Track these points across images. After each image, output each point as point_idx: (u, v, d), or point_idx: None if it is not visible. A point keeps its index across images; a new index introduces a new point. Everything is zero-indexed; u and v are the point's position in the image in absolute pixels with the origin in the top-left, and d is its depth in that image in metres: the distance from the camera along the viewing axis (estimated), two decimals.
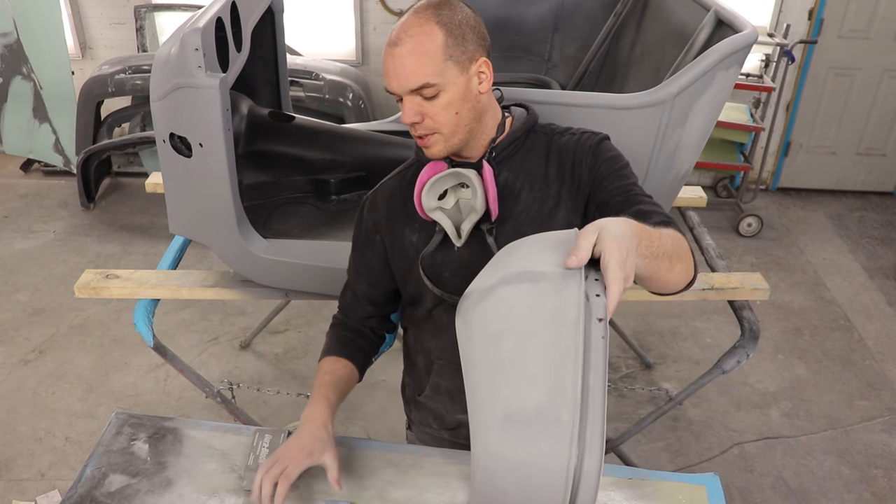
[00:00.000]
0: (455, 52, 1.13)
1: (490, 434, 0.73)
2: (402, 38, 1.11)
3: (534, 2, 2.66)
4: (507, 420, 0.73)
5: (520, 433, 0.72)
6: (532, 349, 0.77)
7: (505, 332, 0.79)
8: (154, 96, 1.61)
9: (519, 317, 0.80)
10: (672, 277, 1.01)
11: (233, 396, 2.37)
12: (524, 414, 0.72)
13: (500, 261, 0.93)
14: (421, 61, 1.11)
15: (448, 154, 1.22)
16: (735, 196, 4.35)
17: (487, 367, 0.78)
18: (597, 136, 1.26)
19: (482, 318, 0.83)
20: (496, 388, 0.76)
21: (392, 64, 1.12)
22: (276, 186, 2.21)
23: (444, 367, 1.40)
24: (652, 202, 1.17)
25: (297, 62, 4.03)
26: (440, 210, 1.23)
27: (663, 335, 3.30)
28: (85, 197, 4.06)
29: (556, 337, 0.77)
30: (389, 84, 1.15)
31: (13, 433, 2.70)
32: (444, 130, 1.17)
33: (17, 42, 3.86)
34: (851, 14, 4.16)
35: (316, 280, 1.88)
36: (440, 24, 1.11)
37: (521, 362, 0.76)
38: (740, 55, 1.67)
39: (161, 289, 1.97)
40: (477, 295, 0.86)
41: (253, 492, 1.15)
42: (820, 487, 2.53)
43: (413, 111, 1.15)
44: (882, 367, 3.11)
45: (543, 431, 0.71)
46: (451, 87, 1.14)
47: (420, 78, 1.11)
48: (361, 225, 1.38)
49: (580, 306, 0.79)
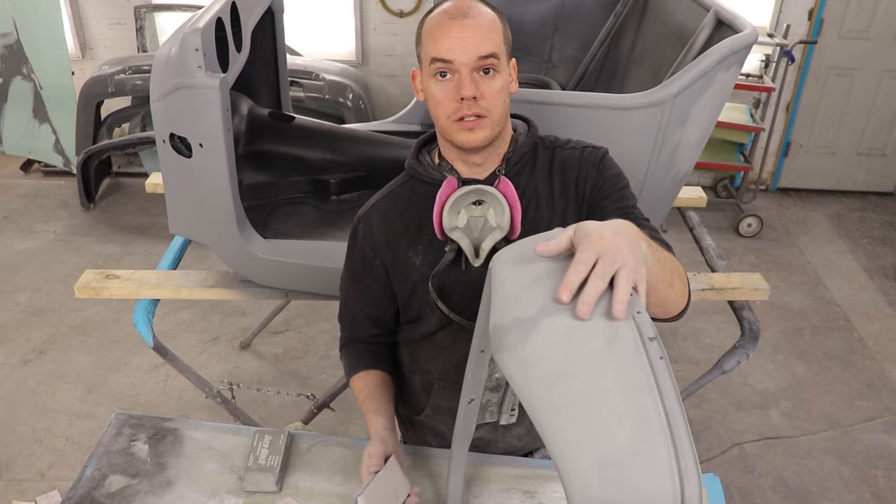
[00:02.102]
0: (507, 38, 1.14)
1: (589, 482, 0.71)
2: (469, 11, 1.10)
3: (534, 2, 2.66)
4: (602, 465, 0.71)
5: (619, 475, 0.71)
6: (605, 384, 0.74)
7: (570, 370, 0.76)
8: (154, 96, 1.61)
9: (578, 351, 0.77)
10: (672, 294, 0.98)
11: (233, 397, 2.37)
12: (619, 455, 0.71)
13: (518, 279, 0.88)
14: (492, 31, 1.11)
15: (487, 143, 1.17)
16: (735, 196, 4.35)
17: (562, 411, 0.75)
18: (599, 152, 1.24)
19: (537, 355, 0.79)
20: (580, 432, 0.73)
21: (461, 33, 1.09)
22: (276, 186, 2.21)
23: (445, 388, 1.36)
24: (650, 226, 1.15)
25: (297, 62, 4.03)
26: (458, 229, 1.18)
27: (663, 335, 3.28)
28: (85, 197, 4.05)
29: (623, 367, 0.75)
30: (452, 53, 1.09)
31: (13, 433, 2.69)
32: (494, 115, 1.14)
33: (17, 42, 3.86)
34: (851, 14, 4.16)
35: (316, 280, 1.88)
36: (494, 10, 1.14)
37: (598, 401, 0.74)
38: (740, 55, 1.67)
39: (161, 289, 1.97)
40: (520, 329, 0.81)
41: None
42: (820, 487, 2.53)
43: (474, 84, 1.11)
44: (882, 367, 3.11)
45: (642, 469, 0.70)
46: (504, 72, 1.13)
47: (492, 46, 1.10)
48: (357, 251, 1.31)
49: (633, 329, 0.78)
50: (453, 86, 1.11)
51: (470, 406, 1.05)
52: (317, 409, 2.35)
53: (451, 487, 1.18)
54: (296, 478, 1.30)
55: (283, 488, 1.28)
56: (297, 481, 1.30)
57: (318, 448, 1.37)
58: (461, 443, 1.11)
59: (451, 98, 1.12)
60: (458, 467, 1.15)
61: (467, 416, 1.07)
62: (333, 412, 2.50)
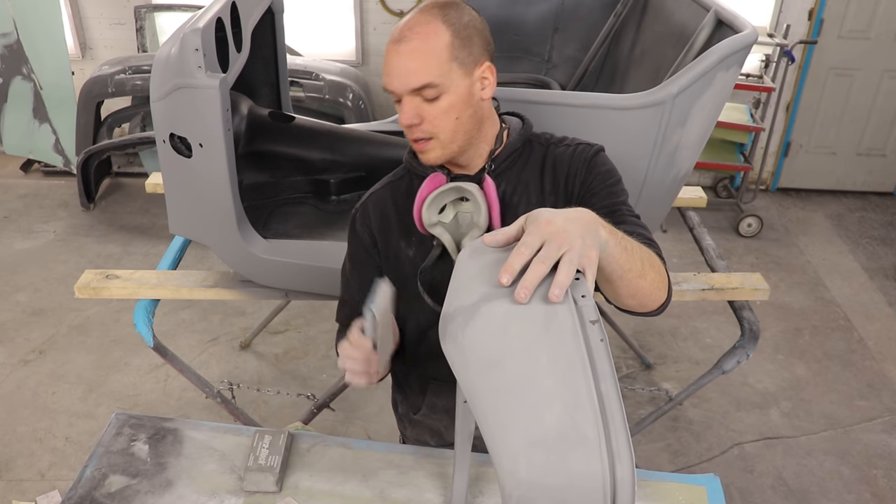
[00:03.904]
0: (460, 54, 1.08)
1: (517, 464, 0.71)
2: (407, 34, 1.07)
3: (534, 2, 2.66)
4: (531, 446, 0.71)
5: (547, 457, 0.70)
6: (537, 368, 0.74)
7: (504, 354, 0.76)
8: (154, 96, 1.61)
9: (514, 335, 0.77)
10: (644, 285, 0.96)
11: (233, 397, 2.37)
12: (547, 437, 0.71)
13: (469, 270, 0.88)
14: (425, 60, 1.06)
15: (444, 161, 1.17)
16: (735, 196, 4.35)
17: (494, 394, 0.76)
18: (592, 149, 1.22)
19: (475, 341, 0.79)
20: (511, 415, 0.73)
21: (395, 61, 1.08)
22: (276, 187, 2.21)
23: (441, 387, 1.36)
24: (637, 222, 1.14)
25: (297, 62, 4.03)
26: (440, 225, 1.18)
27: (663, 335, 3.30)
28: (85, 197, 4.05)
29: (558, 350, 0.74)
30: (390, 83, 1.09)
31: (13, 433, 2.69)
32: (442, 136, 1.12)
33: (17, 42, 3.86)
34: (851, 14, 4.16)
35: (316, 280, 1.88)
36: (447, 24, 1.08)
37: (529, 384, 0.74)
38: (740, 55, 1.67)
39: (161, 289, 1.97)
40: (462, 316, 0.82)
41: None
42: (820, 488, 2.53)
43: (412, 112, 1.10)
44: (882, 367, 3.11)
45: (571, 451, 0.70)
46: (454, 90, 1.09)
47: (423, 77, 1.07)
48: (356, 240, 1.32)
49: (573, 313, 0.77)
50: (401, 109, 1.12)
51: (466, 406, 1.05)
52: (317, 409, 2.35)
53: (457, 488, 1.18)
54: (296, 478, 1.30)
55: (283, 488, 1.28)
56: (297, 481, 1.30)
57: (318, 448, 1.37)
58: (463, 442, 1.11)
59: (403, 121, 1.12)
60: (462, 467, 1.15)
61: (465, 415, 1.07)
62: (333, 412, 2.50)
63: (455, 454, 1.14)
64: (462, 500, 1.20)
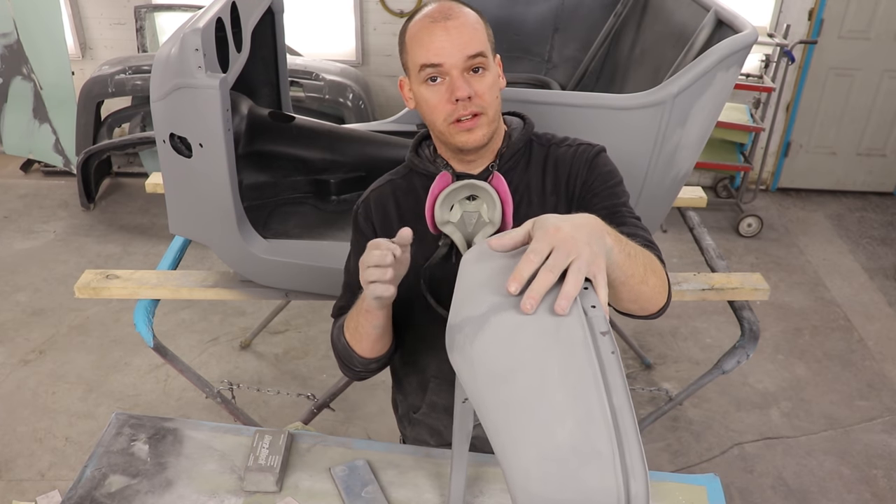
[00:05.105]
0: (490, 37, 1.15)
1: (529, 478, 0.70)
2: (451, 13, 1.11)
3: (534, 2, 2.67)
4: (543, 461, 0.69)
5: (560, 472, 0.69)
6: (548, 380, 0.73)
7: (514, 367, 0.75)
8: (154, 96, 1.61)
9: (524, 347, 0.75)
10: (645, 290, 0.96)
11: (233, 397, 2.37)
12: (559, 451, 0.69)
13: (476, 276, 0.87)
14: (476, 32, 1.12)
15: (488, 140, 1.17)
16: (735, 196, 4.35)
17: (505, 407, 0.74)
18: (593, 149, 1.23)
19: (484, 353, 0.78)
20: (522, 428, 0.72)
21: (445, 35, 1.10)
22: (276, 187, 2.21)
23: (440, 385, 1.36)
24: (637, 224, 1.14)
25: (297, 62, 4.03)
26: (451, 224, 1.18)
27: (663, 335, 3.30)
28: (85, 197, 4.05)
29: (569, 362, 0.73)
30: (438, 56, 1.10)
31: (13, 433, 2.69)
32: (489, 112, 1.14)
33: (17, 42, 3.86)
34: (851, 14, 4.16)
35: (316, 280, 1.88)
36: (474, 10, 1.15)
37: (540, 397, 0.72)
38: (740, 55, 1.67)
39: (161, 289, 1.97)
40: (470, 327, 0.80)
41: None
42: (820, 488, 2.53)
43: (466, 84, 1.11)
44: (882, 367, 3.11)
45: (584, 466, 0.69)
46: (492, 69, 1.14)
47: (478, 45, 1.11)
48: (360, 232, 1.31)
49: (583, 324, 0.75)
50: (446, 88, 1.12)
51: (465, 405, 1.05)
52: (317, 409, 2.35)
53: (454, 487, 1.18)
54: (296, 478, 1.30)
55: (283, 488, 1.28)
56: (297, 481, 1.30)
57: (318, 448, 1.37)
58: (461, 442, 1.11)
59: (446, 101, 1.12)
60: (459, 467, 1.15)
61: (464, 415, 1.06)
62: (333, 412, 2.50)
63: (453, 453, 1.14)
64: (460, 500, 1.20)
